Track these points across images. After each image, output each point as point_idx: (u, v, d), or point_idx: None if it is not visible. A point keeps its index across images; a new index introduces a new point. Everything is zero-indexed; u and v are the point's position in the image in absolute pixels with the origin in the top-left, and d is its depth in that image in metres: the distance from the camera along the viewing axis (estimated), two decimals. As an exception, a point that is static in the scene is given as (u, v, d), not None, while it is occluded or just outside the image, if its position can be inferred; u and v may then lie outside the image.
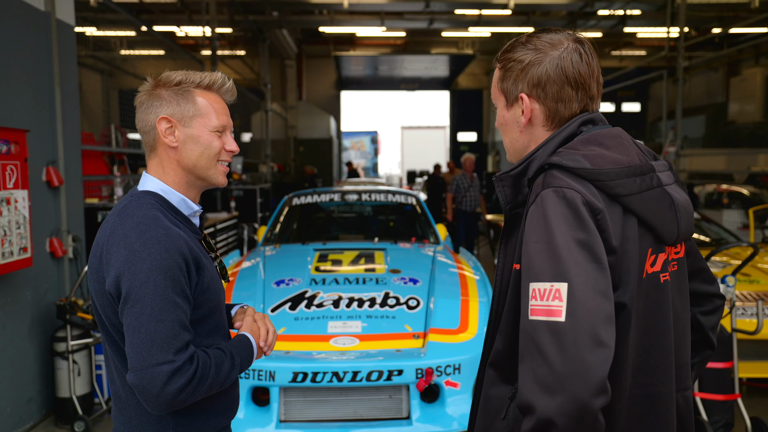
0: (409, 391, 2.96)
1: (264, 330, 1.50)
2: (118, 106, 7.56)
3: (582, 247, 1.04)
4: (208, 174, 1.42)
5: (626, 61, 17.99)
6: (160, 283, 1.24)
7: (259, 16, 13.49)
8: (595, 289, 1.02)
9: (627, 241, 1.10)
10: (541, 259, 1.05)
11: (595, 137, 1.18)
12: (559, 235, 1.04)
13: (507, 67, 1.23)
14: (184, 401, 1.25)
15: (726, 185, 10.74)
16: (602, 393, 0.97)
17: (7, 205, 3.12)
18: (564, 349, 0.98)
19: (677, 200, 1.18)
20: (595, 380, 0.96)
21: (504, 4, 12.37)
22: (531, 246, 1.08)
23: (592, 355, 0.97)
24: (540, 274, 1.04)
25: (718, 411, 3.29)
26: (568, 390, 0.96)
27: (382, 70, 23.80)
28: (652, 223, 1.14)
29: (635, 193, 1.12)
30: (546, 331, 1.01)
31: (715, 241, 5.56)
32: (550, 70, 1.19)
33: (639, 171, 1.14)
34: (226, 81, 1.46)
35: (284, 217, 5.16)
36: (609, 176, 1.10)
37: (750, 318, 3.86)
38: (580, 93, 1.22)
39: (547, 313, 1.01)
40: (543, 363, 0.99)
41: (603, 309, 1.01)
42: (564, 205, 1.07)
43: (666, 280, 1.17)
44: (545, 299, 1.02)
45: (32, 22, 3.60)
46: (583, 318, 0.99)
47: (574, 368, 0.96)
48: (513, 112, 1.25)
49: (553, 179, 1.11)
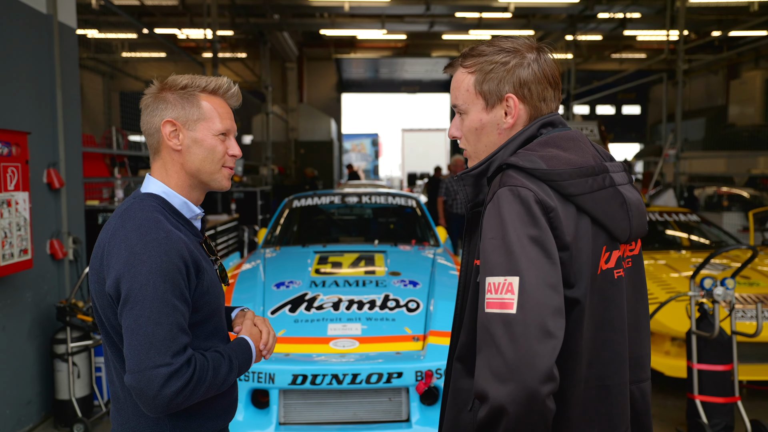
0: (409, 394, 2.96)
1: (264, 333, 1.50)
2: (119, 109, 7.59)
3: (534, 242, 1.10)
4: (213, 178, 1.43)
5: (626, 64, 18.00)
6: (160, 285, 1.25)
7: (260, 19, 13.52)
8: (545, 282, 1.07)
9: (580, 239, 1.16)
10: (496, 255, 1.11)
11: (553, 139, 1.23)
12: (512, 231, 1.10)
13: (488, 70, 1.25)
14: (180, 404, 1.26)
15: (726, 188, 10.75)
16: (550, 380, 1.03)
17: (8, 206, 3.12)
18: (515, 340, 1.04)
19: (629, 199, 1.24)
20: (543, 368, 1.02)
21: (504, 7, 12.39)
22: (487, 242, 1.13)
23: (540, 345, 1.03)
24: (495, 268, 1.10)
25: (718, 414, 3.29)
26: (517, 378, 1.02)
27: (382, 72, 23.85)
28: (604, 221, 1.19)
29: (587, 193, 1.18)
30: (499, 323, 1.07)
31: (714, 244, 5.57)
32: (535, 71, 1.24)
33: (591, 171, 1.20)
34: (232, 86, 1.47)
35: (284, 220, 5.17)
36: (562, 176, 1.16)
37: (750, 321, 3.86)
38: (556, 92, 1.28)
39: (501, 305, 1.07)
40: (496, 353, 1.05)
41: (552, 301, 1.07)
42: (518, 203, 1.12)
43: (620, 276, 1.23)
44: (499, 292, 1.08)
45: (34, 25, 3.61)
46: (533, 310, 1.05)
47: (523, 358, 1.02)
48: (493, 114, 1.27)
49: (509, 179, 1.17)
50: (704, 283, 3.31)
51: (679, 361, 3.90)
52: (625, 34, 14.75)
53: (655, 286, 4.32)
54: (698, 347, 3.33)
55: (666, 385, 4.24)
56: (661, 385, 4.26)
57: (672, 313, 3.95)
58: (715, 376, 3.30)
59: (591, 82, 14.51)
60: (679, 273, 4.57)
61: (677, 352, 4.00)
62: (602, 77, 14.37)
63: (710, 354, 3.31)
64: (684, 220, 5.90)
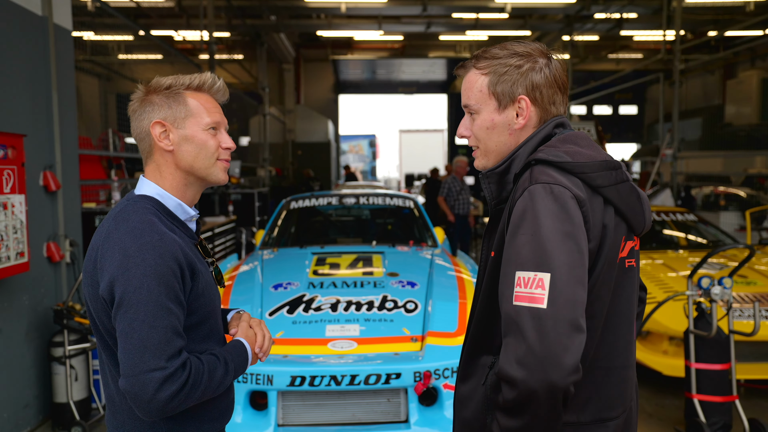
0: (408, 395, 2.96)
1: (260, 336, 1.50)
2: (115, 110, 7.58)
3: (567, 238, 1.14)
4: (209, 173, 1.43)
5: (623, 64, 18.04)
6: (154, 289, 1.24)
7: (256, 21, 13.51)
8: (575, 279, 1.13)
9: (606, 228, 1.22)
10: (527, 250, 1.15)
11: (570, 137, 1.30)
12: (546, 228, 1.14)
13: (502, 72, 1.30)
14: (176, 408, 1.25)
15: (723, 187, 10.77)
16: (575, 372, 1.10)
17: (4, 209, 3.11)
18: (545, 334, 1.09)
19: (641, 194, 1.33)
20: (572, 362, 1.09)
21: (501, 7, 12.41)
22: (519, 237, 1.17)
23: (569, 340, 1.09)
24: (525, 263, 1.14)
25: (716, 413, 3.30)
26: (547, 370, 1.08)
27: (379, 73, 23.86)
28: (626, 212, 1.26)
29: (612, 185, 1.24)
30: (528, 316, 1.11)
31: (712, 243, 5.58)
32: (547, 75, 1.30)
33: (611, 165, 1.27)
34: (216, 81, 1.47)
35: (282, 221, 5.16)
36: (591, 168, 1.22)
37: (747, 320, 3.87)
38: (564, 97, 1.35)
39: (530, 299, 1.12)
40: (524, 344, 1.10)
41: (581, 297, 1.13)
42: (552, 200, 1.16)
43: (631, 265, 1.31)
44: (529, 287, 1.13)
45: (29, 27, 3.60)
46: (564, 306, 1.10)
47: (552, 351, 1.08)
48: (505, 115, 1.32)
49: (541, 175, 1.21)
50: (702, 282, 3.32)
51: (677, 360, 3.90)
52: (622, 34, 14.78)
53: (652, 286, 4.32)
54: (696, 346, 3.33)
55: (664, 385, 4.24)
56: (659, 384, 4.26)
57: (670, 312, 3.95)
58: (713, 375, 3.31)
59: (588, 82, 14.55)
60: (677, 272, 4.58)
61: (675, 351, 4.01)
62: (599, 77, 14.41)
63: (708, 353, 3.31)
64: (681, 220, 5.91)
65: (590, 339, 1.22)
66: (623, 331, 1.29)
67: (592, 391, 1.25)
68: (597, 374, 1.25)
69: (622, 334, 1.29)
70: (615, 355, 1.27)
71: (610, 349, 1.27)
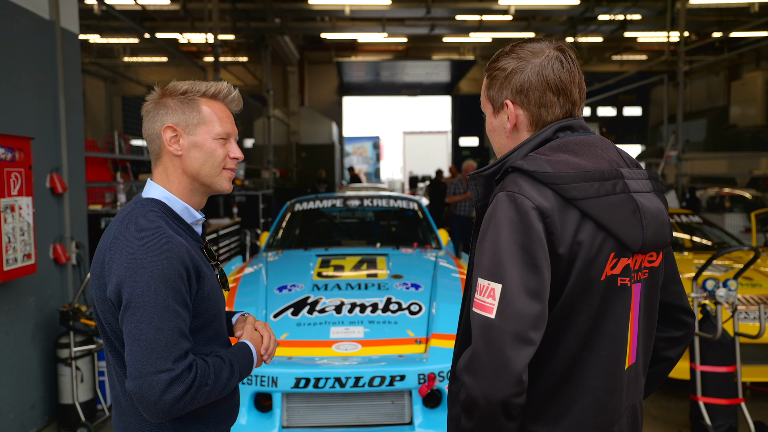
0: (412, 397, 2.96)
1: (265, 338, 1.51)
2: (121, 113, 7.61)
3: (522, 251, 1.12)
4: (213, 181, 1.44)
5: (627, 66, 18.01)
6: (161, 291, 1.25)
7: (261, 23, 13.55)
8: (527, 291, 1.11)
9: (579, 243, 1.15)
10: (487, 258, 1.15)
11: (566, 144, 1.23)
12: (503, 238, 1.14)
13: (492, 76, 1.30)
14: (182, 409, 1.26)
15: (728, 189, 10.74)
16: (517, 384, 1.10)
17: (12, 212, 3.14)
18: (489, 343, 1.10)
19: (645, 207, 1.21)
20: (513, 373, 1.09)
21: (505, 9, 12.40)
22: (484, 244, 1.17)
23: (512, 351, 1.09)
24: (483, 270, 1.15)
25: (722, 415, 3.29)
26: (488, 377, 1.10)
27: (383, 75, 23.87)
28: (610, 227, 1.17)
29: (591, 197, 1.16)
30: (478, 324, 1.13)
31: (717, 245, 5.56)
32: (531, 77, 1.24)
33: (600, 176, 1.18)
34: (232, 90, 1.48)
35: (286, 223, 5.18)
36: (564, 180, 1.16)
37: (752, 322, 3.86)
38: (562, 98, 1.27)
39: (482, 308, 1.13)
40: (471, 350, 1.14)
41: (532, 310, 1.11)
42: (513, 209, 1.15)
43: (624, 284, 1.21)
44: (483, 295, 1.14)
45: (37, 31, 3.63)
46: (510, 318, 1.10)
47: (495, 360, 1.09)
48: (499, 119, 1.32)
49: (510, 183, 1.19)
50: (707, 284, 3.31)
51: (682, 362, 3.88)
52: (626, 35, 14.75)
53: (657, 288, 4.31)
54: (701, 349, 3.33)
55: (669, 387, 4.23)
56: (663, 386, 4.25)
57: (674, 314, 3.94)
58: (718, 378, 3.30)
59: (592, 83, 14.50)
60: (682, 274, 4.56)
61: (680, 353, 3.99)
62: (603, 79, 14.38)
63: (713, 355, 3.30)
64: (686, 222, 5.90)
65: (563, 354, 1.18)
66: (607, 352, 1.21)
67: (564, 407, 1.21)
68: (571, 391, 1.21)
69: (605, 355, 1.20)
70: (592, 375, 1.20)
71: (588, 368, 1.20)
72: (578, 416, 1.22)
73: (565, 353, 1.19)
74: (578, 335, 1.19)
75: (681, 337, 1.43)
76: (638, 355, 1.29)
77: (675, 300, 1.41)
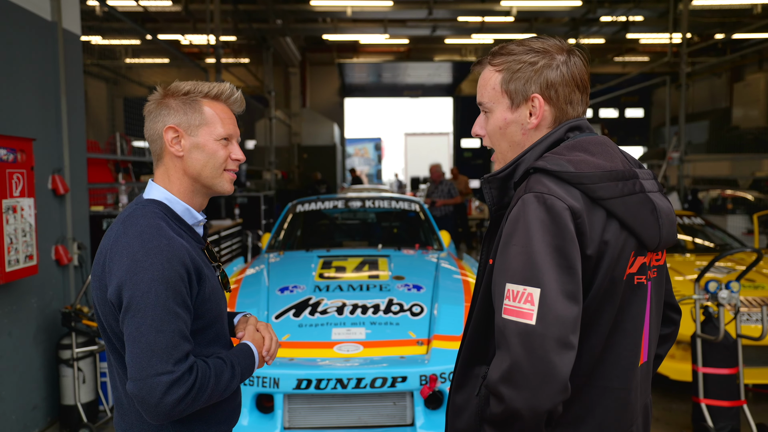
0: (413, 398, 2.96)
1: (267, 339, 1.50)
2: (122, 114, 7.62)
3: (557, 252, 1.09)
4: (214, 182, 1.43)
5: (629, 67, 17.99)
6: (162, 293, 1.25)
7: (262, 25, 13.57)
8: (566, 294, 1.08)
9: (606, 243, 1.15)
10: (518, 262, 1.11)
11: (580, 143, 1.22)
12: (537, 240, 1.10)
13: (515, 69, 1.25)
14: (183, 411, 1.26)
15: (730, 190, 10.73)
16: (564, 391, 1.07)
17: (14, 213, 3.14)
18: (532, 351, 1.06)
19: (660, 207, 1.23)
20: (560, 380, 1.05)
21: (507, 11, 12.41)
22: (511, 248, 1.13)
23: (557, 357, 1.05)
24: (515, 275, 1.10)
25: (724, 417, 3.28)
26: (534, 387, 1.05)
27: (385, 77, 23.90)
28: (633, 226, 1.17)
29: (617, 197, 1.16)
30: (515, 332, 1.08)
31: (719, 247, 5.55)
32: (564, 73, 1.23)
33: (621, 176, 1.18)
34: (234, 91, 1.47)
35: (288, 224, 5.18)
36: (591, 179, 1.15)
37: (755, 324, 3.85)
38: (585, 96, 1.27)
39: (519, 314, 1.08)
40: (511, 360, 1.07)
41: (571, 313, 1.08)
42: (544, 211, 1.11)
43: (640, 282, 1.22)
44: (518, 300, 1.09)
45: (39, 32, 3.64)
46: (553, 322, 1.06)
47: (540, 369, 1.05)
48: (519, 114, 1.26)
49: (536, 184, 1.15)
50: (709, 286, 3.30)
51: (684, 364, 3.88)
52: (628, 37, 14.75)
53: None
54: (703, 350, 3.32)
55: (671, 389, 4.22)
56: (666, 388, 4.24)
57: (677, 316, 3.93)
58: (720, 380, 3.29)
59: (594, 85, 14.48)
60: (684, 276, 4.56)
61: (682, 355, 3.99)
62: (605, 80, 14.37)
63: (715, 357, 3.30)
64: (688, 223, 5.89)
65: (587, 356, 1.17)
66: (626, 351, 1.21)
67: (586, 410, 1.19)
68: (593, 393, 1.19)
69: (625, 355, 1.21)
70: (614, 376, 1.20)
71: (609, 368, 1.20)
72: (600, 418, 1.20)
73: (589, 355, 1.17)
74: (601, 336, 1.18)
75: (669, 334, 1.46)
76: (649, 353, 1.29)
77: (666, 297, 1.43)
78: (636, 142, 24.33)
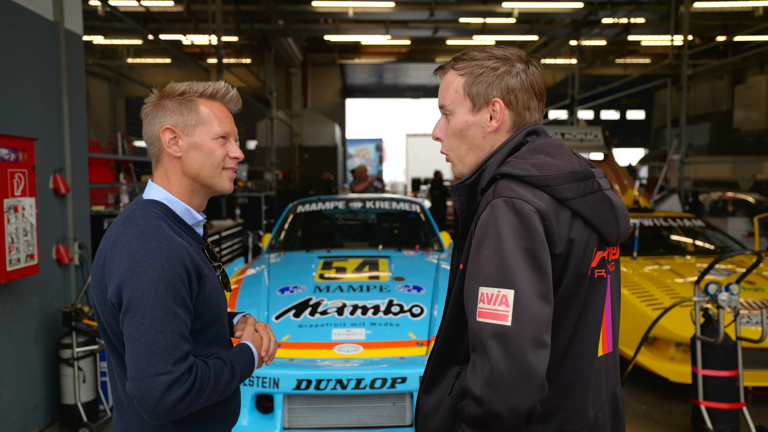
0: (413, 399, 2.96)
1: (266, 339, 1.51)
2: (124, 114, 7.62)
3: (529, 255, 1.12)
4: (213, 181, 1.44)
5: (630, 69, 18.00)
6: (161, 293, 1.25)
7: (264, 25, 13.58)
8: (538, 294, 1.11)
9: (572, 241, 1.20)
10: (490, 266, 1.13)
11: (540, 147, 1.27)
12: (508, 243, 1.13)
13: (478, 73, 1.29)
14: (182, 411, 1.26)
15: (731, 193, 10.73)
16: (542, 389, 1.09)
17: (15, 212, 3.15)
18: (509, 351, 1.08)
19: (616, 203, 1.30)
20: (537, 379, 1.08)
21: (508, 12, 12.42)
22: (483, 252, 1.15)
23: (534, 356, 1.08)
24: (488, 279, 1.13)
25: (724, 420, 3.28)
26: (512, 388, 1.07)
27: (386, 78, 23.91)
28: (596, 223, 1.23)
29: (580, 197, 1.22)
30: (491, 334, 1.10)
31: (719, 249, 5.55)
32: (523, 80, 1.28)
33: (581, 176, 1.24)
34: (230, 90, 1.48)
35: (289, 225, 5.18)
36: (556, 181, 1.20)
37: (755, 326, 3.85)
38: (540, 104, 1.32)
39: (494, 316, 1.10)
40: (489, 363, 1.09)
41: (544, 313, 1.11)
42: (513, 214, 1.15)
43: (600, 275, 1.27)
44: (492, 303, 1.11)
45: (41, 32, 3.64)
46: (527, 322, 1.09)
47: (518, 369, 1.07)
48: (479, 117, 1.30)
49: (504, 189, 1.19)
50: (709, 288, 3.30)
51: (684, 366, 3.88)
52: (630, 39, 14.74)
53: (659, 292, 4.31)
54: (703, 353, 3.32)
55: (671, 391, 4.22)
56: (665, 390, 4.24)
57: (676, 318, 3.93)
58: (720, 382, 3.29)
59: (595, 87, 14.51)
60: (684, 278, 4.56)
61: (682, 357, 3.99)
62: (606, 82, 14.38)
63: (715, 360, 3.30)
64: (689, 226, 5.89)
65: (555, 351, 1.20)
66: (590, 342, 1.26)
67: (557, 403, 1.23)
68: (561, 386, 1.23)
69: (588, 346, 1.25)
70: (580, 367, 1.24)
71: (575, 361, 1.24)
72: (570, 410, 1.24)
73: (557, 349, 1.21)
74: (568, 331, 1.22)
75: None
76: (613, 343, 1.34)
77: None
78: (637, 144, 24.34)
